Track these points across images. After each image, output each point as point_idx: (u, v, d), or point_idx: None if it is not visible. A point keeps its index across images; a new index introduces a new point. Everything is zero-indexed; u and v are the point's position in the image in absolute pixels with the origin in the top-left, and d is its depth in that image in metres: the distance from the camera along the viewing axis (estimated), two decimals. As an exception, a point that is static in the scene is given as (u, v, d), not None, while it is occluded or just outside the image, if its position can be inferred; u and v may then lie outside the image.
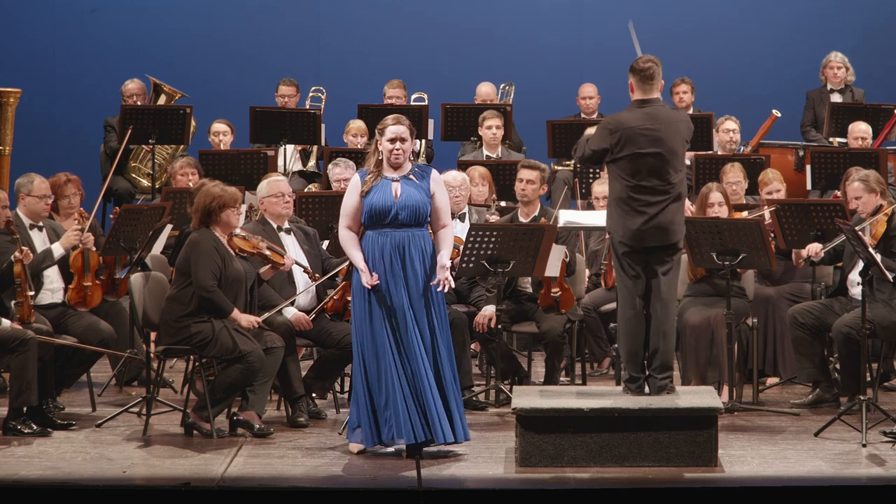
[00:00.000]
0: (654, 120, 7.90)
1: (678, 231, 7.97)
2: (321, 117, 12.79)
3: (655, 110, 7.94)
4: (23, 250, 8.67)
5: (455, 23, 15.15)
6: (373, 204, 7.83)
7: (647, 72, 7.95)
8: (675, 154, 7.92)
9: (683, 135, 7.97)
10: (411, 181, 7.88)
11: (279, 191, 9.15)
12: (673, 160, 7.91)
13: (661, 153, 7.88)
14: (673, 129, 7.92)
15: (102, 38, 14.87)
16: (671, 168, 7.90)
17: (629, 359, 7.99)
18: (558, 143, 12.45)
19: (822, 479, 7.50)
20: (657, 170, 7.88)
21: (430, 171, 7.99)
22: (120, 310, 9.67)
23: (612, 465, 7.61)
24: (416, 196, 7.84)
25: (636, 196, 7.89)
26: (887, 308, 8.96)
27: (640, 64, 7.96)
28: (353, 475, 7.57)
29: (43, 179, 9.20)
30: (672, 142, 7.90)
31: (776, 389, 9.90)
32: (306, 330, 8.90)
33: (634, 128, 7.90)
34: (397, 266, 7.81)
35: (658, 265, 7.97)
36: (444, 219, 7.94)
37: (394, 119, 7.93)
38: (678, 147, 7.94)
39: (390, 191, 7.84)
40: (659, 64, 7.98)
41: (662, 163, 7.88)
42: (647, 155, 7.87)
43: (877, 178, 9.26)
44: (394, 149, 7.86)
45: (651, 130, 7.88)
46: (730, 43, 15.01)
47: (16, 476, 7.47)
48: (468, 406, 9.24)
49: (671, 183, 7.90)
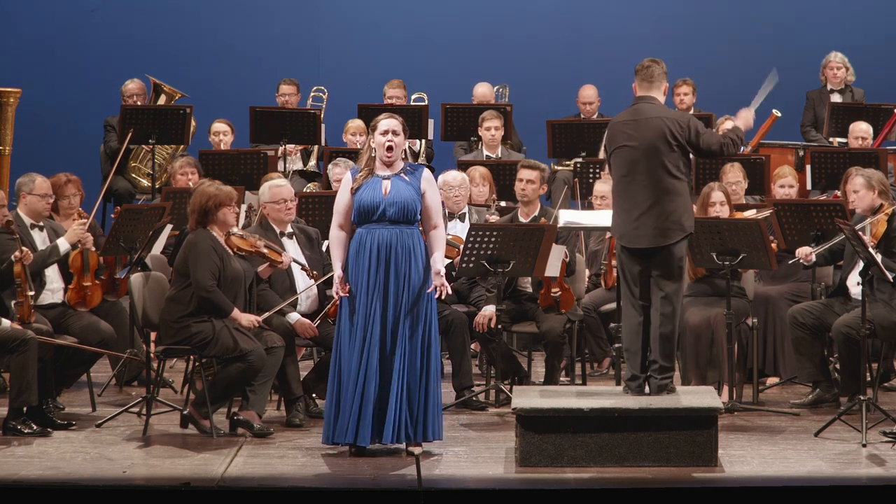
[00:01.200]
0: (635, 115, 7.95)
1: (672, 233, 7.92)
2: (321, 117, 12.79)
3: (640, 106, 7.97)
4: (23, 250, 8.67)
5: (455, 23, 15.15)
6: (362, 200, 7.81)
7: (647, 71, 8.00)
8: (655, 151, 7.86)
9: (663, 132, 7.87)
10: (402, 179, 7.86)
11: (281, 197, 9.13)
12: (656, 157, 7.86)
13: (639, 149, 7.87)
14: (649, 125, 7.88)
15: (102, 38, 14.87)
16: (658, 166, 7.86)
17: (630, 357, 8.00)
18: (558, 143, 12.46)
19: (822, 479, 7.50)
20: (640, 167, 7.87)
21: (422, 170, 7.96)
22: (120, 310, 9.67)
23: (612, 465, 7.61)
24: (406, 193, 7.82)
25: (623, 194, 7.96)
26: (887, 308, 8.96)
27: (640, 64, 8.02)
28: (353, 475, 7.56)
29: (44, 179, 9.21)
30: (649, 138, 7.86)
31: (776, 389, 9.90)
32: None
33: (619, 123, 7.99)
34: (381, 267, 7.78)
35: (657, 268, 7.96)
36: (434, 219, 7.89)
37: (386, 115, 7.95)
38: (658, 144, 7.87)
39: (380, 188, 7.83)
40: (662, 66, 8.00)
41: (643, 159, 7.87)
42: (625, 150, 7.90)
43: (880, 179, 9.24)
44: (386, 140, 7.83)
45: (629, 126, 7.92)
46: (730, 43, 15.00)
47: (16, 476, 7.47)
48: (468, 406, 9.26)
49: (660, 182, 7.87)
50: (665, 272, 7.96)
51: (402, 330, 7.77)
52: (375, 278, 7.78)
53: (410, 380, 7.78)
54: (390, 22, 15.17)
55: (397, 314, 7.78)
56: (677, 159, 7.93)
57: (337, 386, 7.82)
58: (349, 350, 7.78)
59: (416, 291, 7.81)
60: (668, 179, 7.90)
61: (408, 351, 7.77)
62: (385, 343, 7.76)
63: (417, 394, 7.80)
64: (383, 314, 7.77)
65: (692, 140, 7.95)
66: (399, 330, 7.77)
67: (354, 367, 7.76)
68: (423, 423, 7.82)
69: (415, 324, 7.80)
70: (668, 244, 7.93)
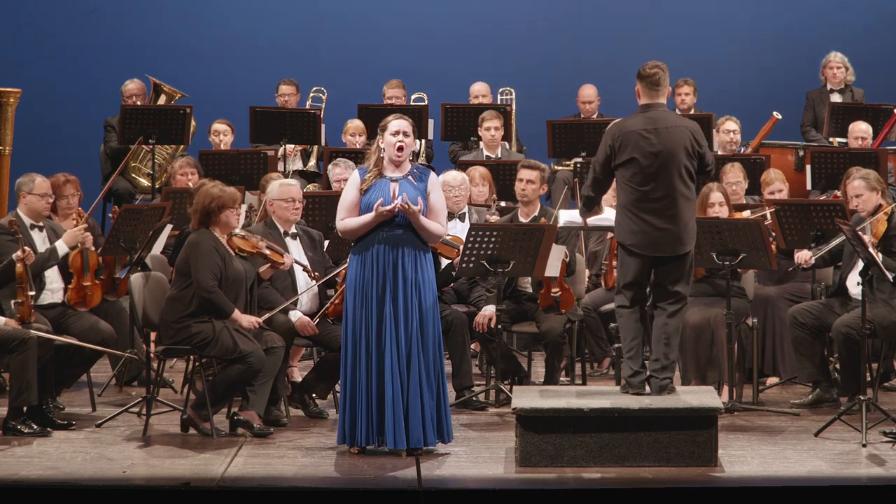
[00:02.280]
0: (654, 123, 7.90)
1: (687, 241, 7.95)
2: (321, 117, 12.79)
3: (657, 114, 7.94)
4: (25, 250, 8.67)
5: (455, 22, 15.15)
6: (370, 202, 7.83)
7: (653, 77, 7.96)
8: (675, 159, 7.87)
9: (684, 141, 7.89)
10: (409, 182, 7.89)
11: (290, 196, 9.13)
12: (675, 166, 7.86)
13: (660, 157, 7.87)
14: (672, 135, 7.89)
15: (102, 38, 14.87)
16: (675, 174, 7.87)
17: (630, 355, 7.98)
18: (558, 143, 12.46)
19: (822, 479, 7.50)
20: (659, 175, 7.87)
21: (429, 174, 7.99)
22: (120, 310, 9.67)
23: (612, 465, 7.61)
24: (413, 197, 7.83)
25: (641, 203, 7.89)
26: (887, 308, 8.96)
27: (646, 70, 7.97)
28: (353, 475, 7.57)
29: (44, 179, 9.20)
30: (671, 146, 7.87)
31: (776, 389, 9.90)
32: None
33: (634, 131, 7.91)
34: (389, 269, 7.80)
35: (668, 275, 7.96)
36: (437, 219, 7.91)
37: (396, 116, 7.96)
38: (678, 153, 7.88)
39: (388, 190, 7.84)
40: (666, 70, 7.98)
41: (664, 168, 7.86)
42: (646, 159, 7.87)
43: (877, 178, 9.28)
44: (397, 140, 7.86)
45: (650, 133, 7.88)
46: (730, 43, 15.01)
47: (16, 476, 7.47)
48: (468, 406, 9.26)
49: (677, 190, 7.87)
50: (677, 276, 7.98)
51: (414, 332, 7.80)
52: (384, 280, 7.80)
53: (429, 381, 7.81)
54: (390, 22, 15.17)
55: (408, 316, 7.80)
56: (692, 168, 7.94)
57: (352, 389, 7.82)
58: (362, 352, 7.79)
59: (425, 293, 7.83)
60: (685, 188, 7.91)
61: (422, 352, 7.80)
62: (399, 345, 7.77)
63: (437, 395, 7.85)
64: (394, 316, 7.78)
65: (704, 154, 7.98)
66: (412, 332, 7.80)
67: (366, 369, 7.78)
68: (446, 424, 7.89)
69: (425, 325, 7.83)
70: (681, 252, 7.94)
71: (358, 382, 7.80)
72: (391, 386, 7.74)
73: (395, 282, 7.80)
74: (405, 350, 7.78)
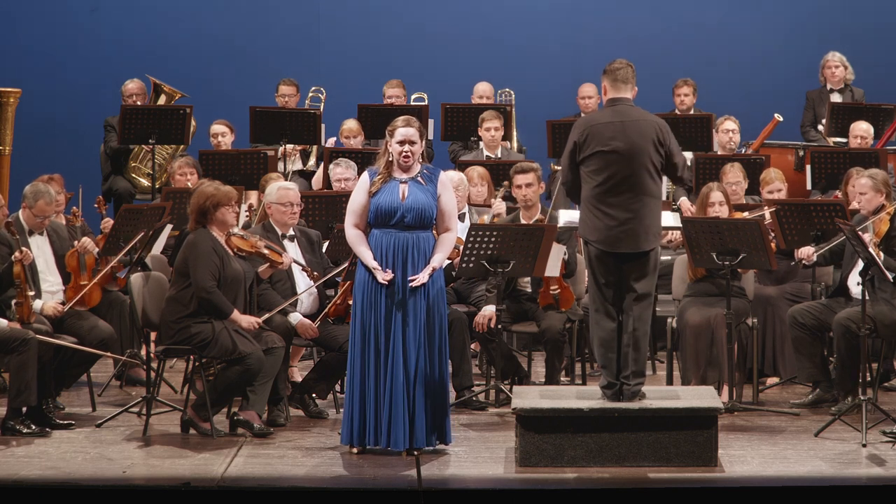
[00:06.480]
0: (620, 116, 7.84)
1: (652, 238, 7.84)
2: (321, 117, 12.79)
3: (623, 108, 7.89)
4: (22, 250, 8.68)
5: (455, 22, 15.15)
6: (379, 205, 7.85)
7: (618, 73, 7.93)
8: (640, 153, 7.76)
9: (651, 135, 7.81)
10: (419, 183, 7.91)
11: (288, 200, 9.12)
12: (640, 160, 7.75)
13: (625, 150, 7.78)
14: (637, 127, 7.81)
15: (102, 38, 14.86)
16: (641, 168, 7.76)
17: (605, 364, 7.88)
18: (558, 142, 12.43)
19: (822, 479, 7.50)
20: (625, 169, 7.76)
21: (439, 174, 8.00)
22: (121, 301, 9.64)
23: (612, 465, 7.61)
24: (423, 199, 7.85)
25: (604, 198, 7.79)
26: (889, 306, 8.96)
27: (613, 65, 7.96)
28: (353, 475, 7.57)
29: (47, 202, 9.12)
30: (636, 139, 7.77)
31: (776, 389, 9.90)
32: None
33: (599, 124, 7.86)
34: (398, 271, 7.83)
35: (631, 272, 7.85)
36: (448, 222, 7.94)
37: (403, 121, 7.95)
38: (645, 146, 7.77)
39: (398, 192, 7.86)
40: (632, 67, 7.97)
41: (628, 162, 7.76)
42: (610, 152, 7.78)
43: (885, 180, 9.24)
44: (403, 151, 7.89)
45: (615, 126, 7.81)
46: (730, 43, 15.00)
47: (16, 476, 7.47)
48: (468, 406, 9.26)
49: (642, 184, 7.78)
50: (641, 274, 7.83)
51: (420, 334, 7.82)
52: (392, 282, 7.80)
53: (433, 384, 7.83)
54: (390, 22, 15.16)
55: (416, 318, 7.81)
56: (659, 163, 7.85)
57: (361, 390, 7.83)
58: (371, 353, 7.81)
59: (432, 295, 7.85)
60: (651, 184, 7.81)
61: (427, 354, 7.82)
62: (407, 347, 7.79)
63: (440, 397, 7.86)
64: (403, 318, 7.80)
65: (670, 148, 7.87)
66: (421, 334, 7.82)
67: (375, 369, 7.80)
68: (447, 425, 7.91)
69: (432, 327, 7.85)
70: (645, 249, 7.87)
71: (367, 383, 7.81)
72: (399, 387, 7.75)
73: (404, 283, 7.81)
74: (413, 352, 7.80)
